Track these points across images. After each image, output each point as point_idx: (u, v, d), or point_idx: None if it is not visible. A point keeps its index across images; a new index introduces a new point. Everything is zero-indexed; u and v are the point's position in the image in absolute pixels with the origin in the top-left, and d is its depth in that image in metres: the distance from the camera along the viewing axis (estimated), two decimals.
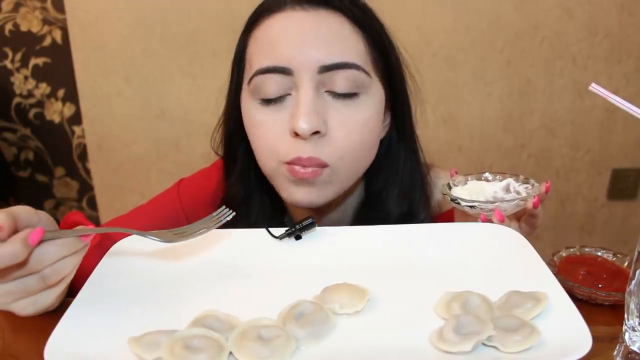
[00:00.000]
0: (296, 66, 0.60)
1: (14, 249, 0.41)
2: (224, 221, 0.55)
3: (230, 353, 0.42)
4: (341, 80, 0.61)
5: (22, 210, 0.45)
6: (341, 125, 0.62)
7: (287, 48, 0.61)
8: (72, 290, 0.51)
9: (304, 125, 0.59)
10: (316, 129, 0.60)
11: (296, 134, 0.60)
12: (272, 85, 0.62)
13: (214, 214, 0.55)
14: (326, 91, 0.62)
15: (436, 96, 1.73)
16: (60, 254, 0.45)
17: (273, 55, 0.61)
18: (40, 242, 0.44)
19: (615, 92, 0.47)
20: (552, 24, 1.66)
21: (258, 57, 0.63)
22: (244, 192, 0.73)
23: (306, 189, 0.63)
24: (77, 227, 0.48)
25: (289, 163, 0.62)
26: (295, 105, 0.61)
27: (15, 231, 0.43)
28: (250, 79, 0.63)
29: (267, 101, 0.63)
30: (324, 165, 0.62)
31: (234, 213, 0.55)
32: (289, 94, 0.62)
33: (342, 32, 0.63)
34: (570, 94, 1.74)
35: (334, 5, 0.63)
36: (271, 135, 0.63)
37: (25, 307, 0.47)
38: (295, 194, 0.64)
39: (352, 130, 0.63)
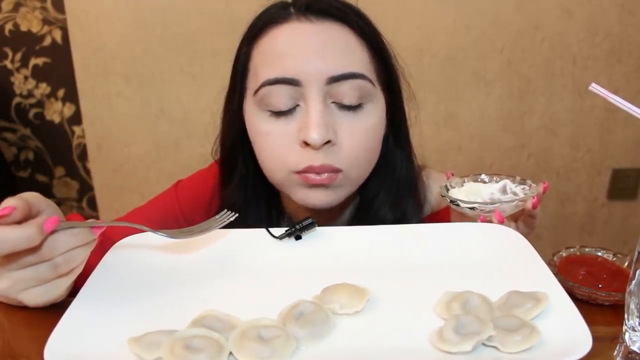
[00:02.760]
0: (304, 78, 0.61)
1: (30, 233, 0.43)
2: (227, 222, 0.55)
3: (230, 353, 0.42)
4: (348, 90, 0.62)
5: (33, 197, 0.47)
6: (349, 133, 0.63)
7: (295, 60, 0.61)
8: (73, 291, 0.51)
9: (315, 137, 0.60)
10: (327, 139, 0.61)
11: (306, 144, 0.61)
12: (280, 96, 0.62)
13: (217, 216, 0.56)
14: (333, 101, 0.63)
15: (436, 96, 1.73)
16: (72, 243, 0.47)
17: (280, 66, 0.62)
18: (54, 230, 0.45)
19: (615, 92, 0.47)
20: (553, 24, 1.66)
21: (264, 68, 0.63)
22: (241, 200, 0.73)
23: (321, 191, 0.64)
24: (89, 220, 0.50)
25: (301, 172, 0.63)
26: (305, 116, 0.62)
27: (27, 215, 0.45)
28: (257, 90, 0.63)
29: (276, 113, 0.63)
30: (337, 170, 0.63)
31: (236, 214, 0.56)
32: (298, 105, 0.63)
33: (347, 44, 0.63)
34: (570, 94, 1.74)
35: (339, 17, 0.64)
36: (280, 147, 0.63)
37: (36, 297, 0.48)
38: (310, 197, 0.65)
39: (360, 138, 0.64)
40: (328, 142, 0.61)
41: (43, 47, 1.76)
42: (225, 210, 0.56)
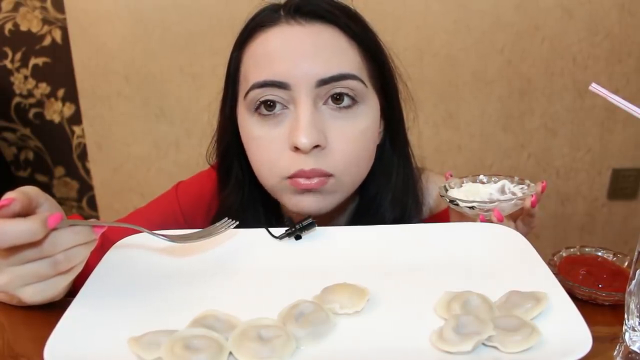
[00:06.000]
0: (294, 81, 0.61)
1: (33, 227, 0.43)
2: (227, 230, 0.56)
3: (230, 353, 0.42)
4: (338, 92, 0.62)
5: (32, 190, 0.47)
6: (341, 137, 0.62)
7: (285, 63, 0.61)
8: (72, 291, 0.51)
9: (304, 140, 0.59)
10: (317, 142, 0.60)
11: (296, 149, 0.61)
12: (269, 98, 0.62)
13: (218, 223, 0.56)
14: (324, 104, 0.62)
15: (436, 96, 1.73)
16: (73, 241, 0.47)
17: (270, 70, 0.61)
18: (56, 227, 0.45)
19: (616, 92, 0.47)
20: (553, 24, 1.66)
21: (254, 71, 0.63)
22: (239, 204, 0.73)
23: (313, 197, 0.64)
24: (90, 220, 0.50)
25: (292, 177, 0.62)
26: (295, 120, 0.61)
27: (27, 208, 0.45)
28: (247, 93, 0.63)
29: (265, 116, 0.63)
30: (328, 175, 0.62)
31: (237, 222, 0.56)
32: (287, 108, 0.62)
33: (338, 46, 0.63)
34: (571, 93, 1.74)
35: (329, 19, 0.63)
36: (270, 152, 0.63)
37: (34, 294, 0.48)
38: (302, 203, 0.64)
39: (352, 141, 0.63)
40: (318, 146, 0.61)
41: (43, 46, 1.76)
42: (227, 218, 0.57)
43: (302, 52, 0.61)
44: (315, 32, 0.63)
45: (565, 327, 0.42)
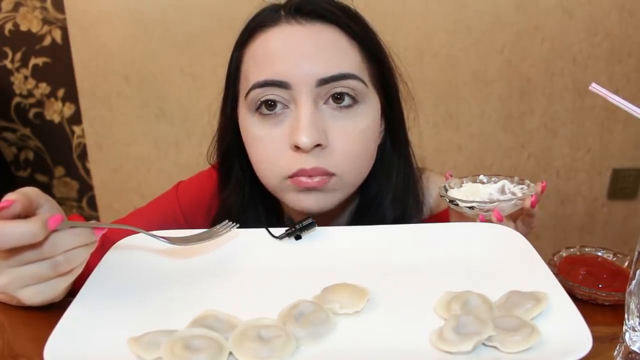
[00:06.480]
0: (294, 81, 0.61)
1: (34, 229, 0.43)
2: (228, 232, 0.56)
3: (230, 353, 0.42)
4: (339, 91, 0.62)
5: (33, 192, 0.47)
6: (341, 136, 0.62)
7: (285, 63, 0.61)
8: (72, 291, 0.51)
9: (305, 139, 0.59)
10: (317, 142, 0.60)
11: (297, 148, 0.61)
12: (270, 98, 0.62)
13: (218, 226, 0.56)
14: (325, 103, 0.63)
15: (436, 96, 1.73)
16: (73, 243, 0.47)
17: (270, 70, 0.62)
18: (57, 229, 0.45)
19: (616, 92, 0.47)
20: (553, 24, 1.67)
21: (255, 71, 0.63)
22: (239, 205, 0.73)
23: (314, 195, 0.64)
24: (91, 221, 0.50)
25: (293, 176, 0.62)
26: (295, 119, 0.61)
27: (27, 209, 0.45)
28: (248, 93, 0.63)
29: (266, 115, 0.63)
30: (330, 174, 0.62)
31: (238, 225, 0.57)
32: (288, 108, 0.63)
33: (338, 45, 0.63)
34: (571, 94, 1.74)
35: (329, 19, 0.63)
36: (272, 151, 0.63)
37: (34, 295, 0.48)
38: (304, 202, 0.64)
39: (352, 141, 0.63)
40: (319, 145, 0.61)
41: (43, 47, 1.76)
42: (227, 220, 0.57)
43: (303, 51, 0.61)
44: (316, 32, 0.63)
45: (565, 327, 0.42)
